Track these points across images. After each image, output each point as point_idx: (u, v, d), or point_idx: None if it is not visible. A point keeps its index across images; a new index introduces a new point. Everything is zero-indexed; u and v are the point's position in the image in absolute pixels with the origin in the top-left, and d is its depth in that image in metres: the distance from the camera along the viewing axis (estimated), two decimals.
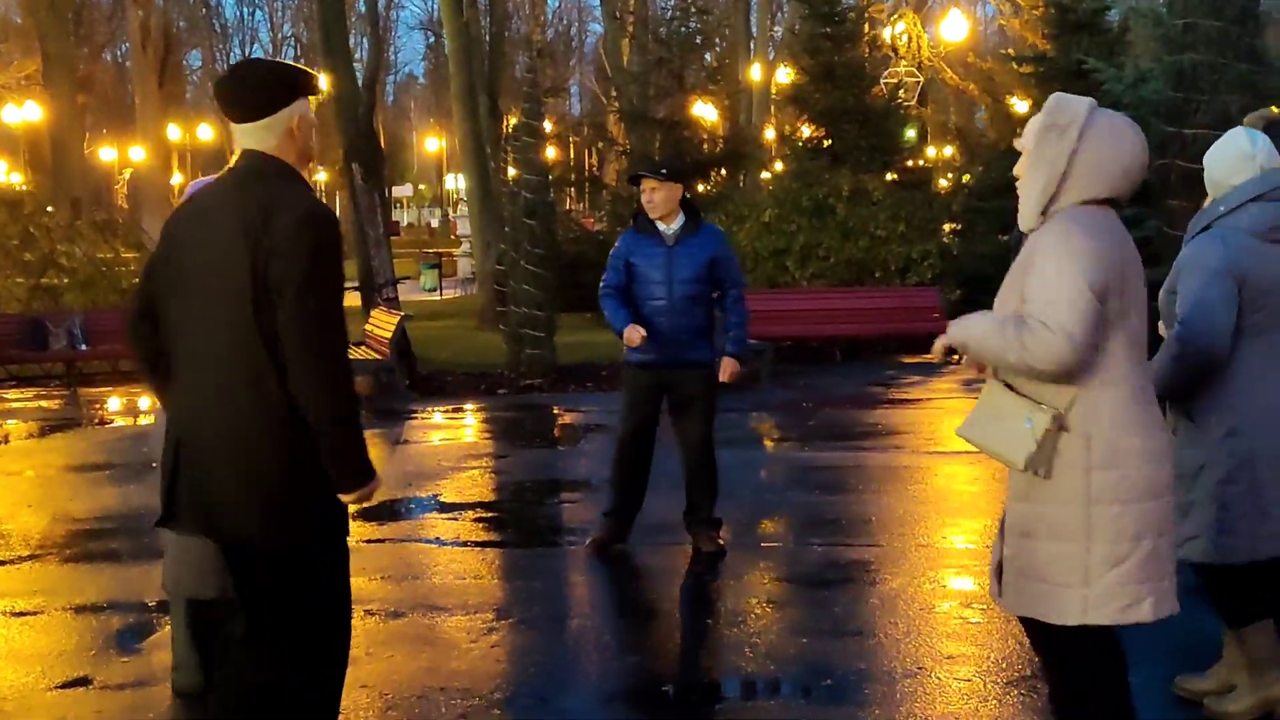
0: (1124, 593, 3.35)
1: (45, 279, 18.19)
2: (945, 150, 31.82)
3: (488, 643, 5.53)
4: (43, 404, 14.46)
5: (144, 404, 13.79)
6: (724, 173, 22.90)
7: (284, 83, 3.46)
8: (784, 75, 29.75)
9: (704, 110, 24.80)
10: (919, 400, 12.54)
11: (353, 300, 16.90)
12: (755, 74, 32.12)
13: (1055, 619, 3.43)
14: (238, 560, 3.46)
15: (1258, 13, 10.43)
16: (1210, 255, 4.20)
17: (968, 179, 21.08)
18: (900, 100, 23.16)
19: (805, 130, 20.46)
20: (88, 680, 5.14)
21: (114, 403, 14.42)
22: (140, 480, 9.10)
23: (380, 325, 14.83)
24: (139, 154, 40.68)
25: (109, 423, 13.07)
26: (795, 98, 21.43)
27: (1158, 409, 3.49)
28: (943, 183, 23.07)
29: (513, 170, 17.76)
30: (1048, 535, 3.41)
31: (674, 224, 6.74)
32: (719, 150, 22.65)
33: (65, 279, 18.28)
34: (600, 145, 34.61)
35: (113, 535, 7.72)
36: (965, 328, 3.47)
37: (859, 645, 5.37)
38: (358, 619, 3.83)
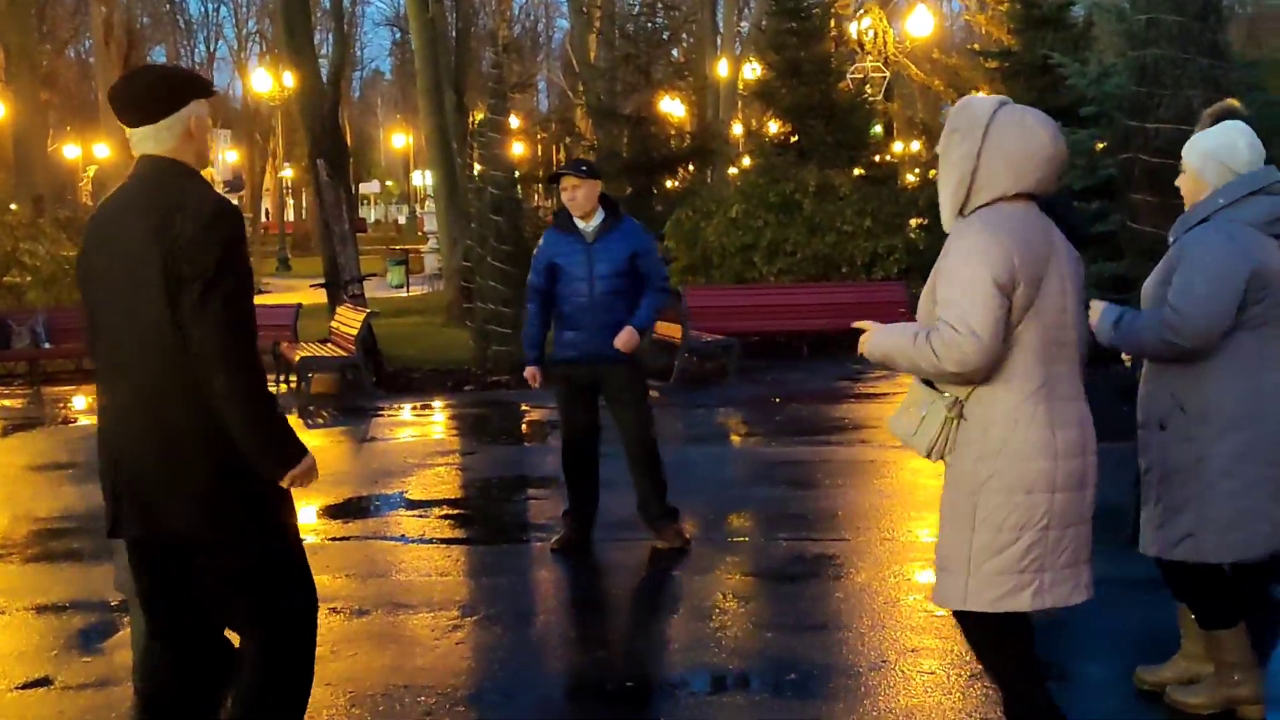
0: (1001, 581, 3.40)
1: (8, 277, 18.08)
2: (911, 145, 32.00)
3: (453, 640, 5.52)
4: (5, 403, 14.36)
5: None
6: (691, 168, 22.90)
7: (176, 86, 3.51)
8: (751, 71, 29.80)
9: (671, 106, 24.80)
10: (885, 395, 12.57)
11: (319, 297, 16.86)
12: (722, 69, 32.09)
13: (941, 604, 3.54)
14: (185, 556, 3.45)
15: (1220, 8, 10.47)
16: (1220, 248, 4.09)
17: (934, 174, 21.13)
18: (866, 96, 23.24)
19: (772, 126, 20.52)
20: (49, 680, 5.11)
21: (77, 401, 14.32)
22: None
23: (346, 322, 14.76)
24: (103, 151, 40.41)
25: (72, 421, 12.97)
26: (762, 93, 21.48)
27: (1073, 405, 3.46)
28: (909, 178, 23.17)
29: (479, 166, 17.73)
30: (947, 522, 3.52)
31: (593, 221, 6.81)
32: (686, 145, 22.62)
33: (28, 277, 18.18)
34: (568, 141, 34.49)
35: (75, 535, 7.66)
36: (879, 344, 3.54)
37: (824, 639, 5.39)
38: (322, 616, 3.82)
